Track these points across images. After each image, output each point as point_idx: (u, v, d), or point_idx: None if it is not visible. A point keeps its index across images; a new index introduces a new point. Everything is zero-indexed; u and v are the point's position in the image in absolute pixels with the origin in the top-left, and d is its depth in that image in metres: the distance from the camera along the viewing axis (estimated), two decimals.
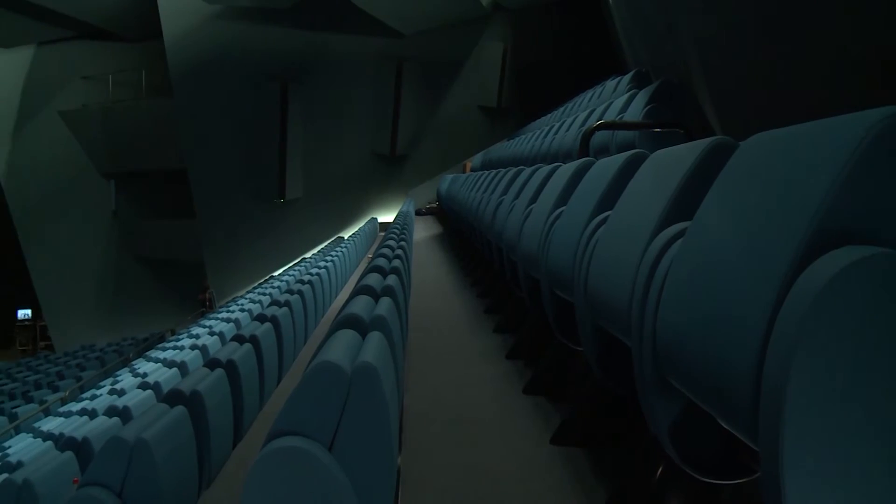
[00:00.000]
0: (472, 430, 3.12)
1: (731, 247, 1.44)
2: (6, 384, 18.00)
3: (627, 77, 8.23)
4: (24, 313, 27.17)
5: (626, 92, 7.04)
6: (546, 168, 4.01)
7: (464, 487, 2.58)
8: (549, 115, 13.03)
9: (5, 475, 6.78)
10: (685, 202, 1.91)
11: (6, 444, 9.82)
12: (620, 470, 2.46)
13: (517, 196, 4.46)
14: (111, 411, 6.52)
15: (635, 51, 9.19)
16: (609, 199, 2.55)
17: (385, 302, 3.02)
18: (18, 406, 14.58)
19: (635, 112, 5.92)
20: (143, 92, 22.88)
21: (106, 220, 24.57)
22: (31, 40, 22.80)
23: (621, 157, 2.63)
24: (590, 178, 2.93)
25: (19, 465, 7.11)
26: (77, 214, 24.22)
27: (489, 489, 2.54)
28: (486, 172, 7.69)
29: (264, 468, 2.16)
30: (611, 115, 6.58)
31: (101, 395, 10.00)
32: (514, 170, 5.38)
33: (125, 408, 6.41)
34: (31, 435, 9.67)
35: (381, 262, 4.27)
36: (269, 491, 2.18)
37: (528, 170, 4.62)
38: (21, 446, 8.86)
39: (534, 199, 3.81)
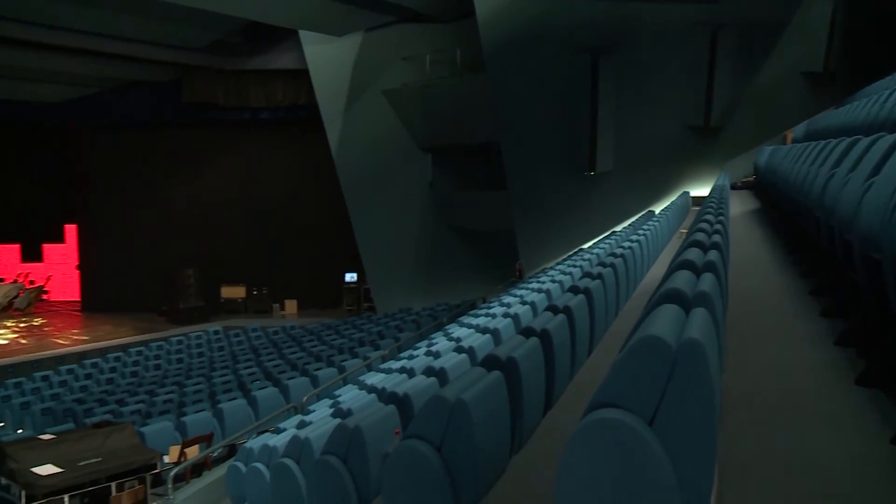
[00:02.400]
0: (797, 420, 2.93)
1: None
2: (335, 339, 19.68)
3: None
4: (350, 276, 29.43)
5: None
6: (890, 137, 3.63)
7: (787, 480, 2.43)
8: (887, 79, 11.81)
9: (338, 419, 7.45)
10: None
11: (337, 393, 10.77)
12: None
13: (853, 169, 4.08)
14: (428, 371, 6.87)
15: None
16: None
17: (707, 278, 2.92)
18: (346, 360, 15.93)
19: None
20: (457, 69, 23.82)
21: (424, 192, 25.96)
22: (359, 28, 24.53)
23: None
24: None
25: (349, 412, 7.75)
26: (398, 186, 25.79)
27: (817, 486, 2.37)
28: (813, 143, 7.15)
29: (584, 437, 2.17)
30: None
31: (417, 355, 10.54)
32: (847, 140, 4.94)
33: (441, 369, 6.73)
34: (356, 387, 10.50)
35: (701, 236, 4.12)
36: (587, 459, 2.19)
37: (867, 140, 4.22)
38: (349, 396, 9.65)
39: (875, 172, 3.46)
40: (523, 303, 9.63)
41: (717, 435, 2.21)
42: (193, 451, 11.14)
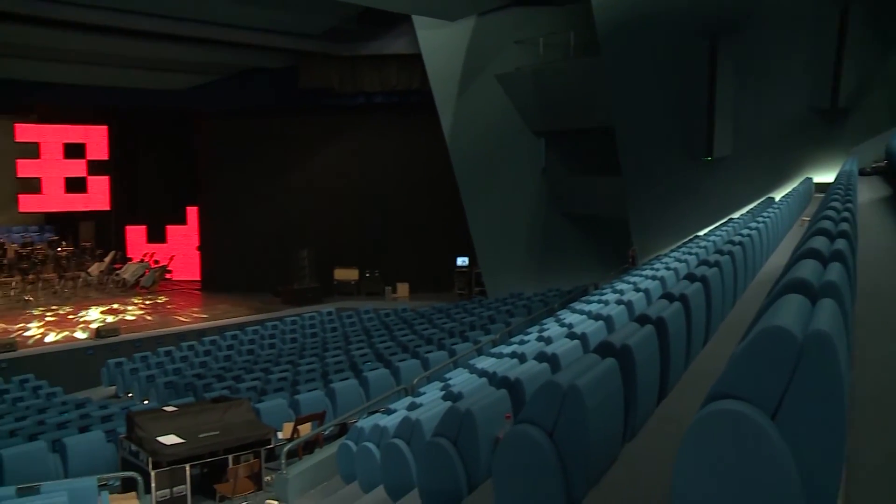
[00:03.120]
0: None
1: None
2: (446, 323, 19.79)
3: None
4: (462, 260, 29.48)
5: None
6: None
7: None
8: None
9: (449, 402, 7.50)
10: None
11: (447, 376, 10.84)
12: None
13: None
14: (540, 357, 6.82)
15: None
16: None
17: (835, 267, 2.79)
18: (456, 343, 16.00)
19: None
20: (571, 52, 23.50)
21: (536, 177, 25.77)
22: (472, 12, 24.46)
23: None
24: None
25: (460, 395, 7.78)
26: (510, 171, 25.66)
27: None
28: None
29: (703, 428, 2.12)
30: None
31: (528, 340, 10.47)
32: None
33: (553, 355, 6.67)
34: (467, 370, 10.53)
35: (827, 224, 3.95)
36: (705, 451, 2.13)
37: None
38: (460, 379, 9.68)
39: None
40: (637, 290, 9.47)
41: (846, 433, 2.11)
42: (306, 429, 11.45)
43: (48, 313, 25.54)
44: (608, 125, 20.13)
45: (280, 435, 11.35)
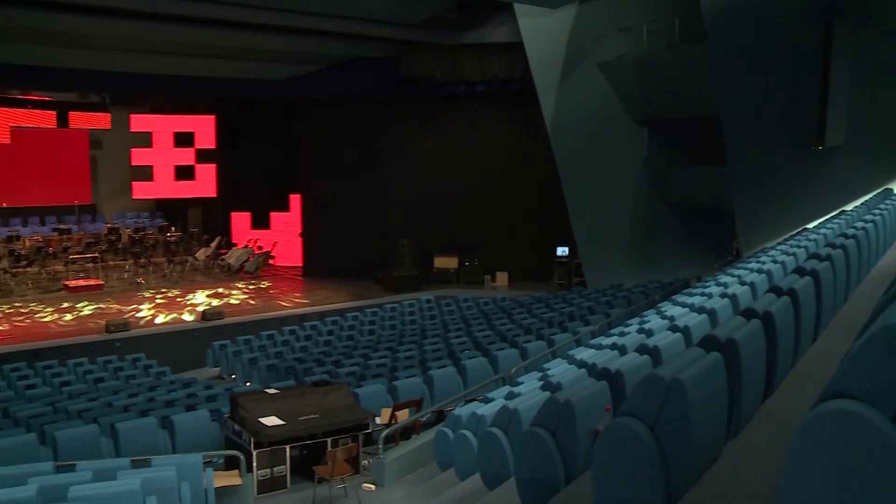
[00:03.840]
0: None
1: None
2: (545, 313, 19.66)
3: None
4: (562, 250, 29.21)
5: None
6: None
7: None
8: None
9: (548, 393, 7.47)
10: None
11: (546, 366, 10.79)
12: None
13: None
14: (641, 349, 6.70)
15: None
16: None
17: None
18: (555, 334, 15.89)
19: None
20: (676, 40, 22.93)
21: (638, 166, 25.29)
22: None
23: None
24: None
25: (558, 386, 7.73)
26: (612, 160, 25.21)
27: None
28: None
29: (816, 428, 2.03)
30: None
31: (629, 332, 10.32)
32: None
33: (655, 347, 6.55)
34: (565, 361, 10.46)
35: None
36: (817, 452, 2.04)
37: None
38: (558, 370, 9.62)
39: None
40: (742, 283, 9.21)
41: None
42: (403, 415, 11.57)
43: (158, 296, 26.51)
44: (714, 114, 19.58)
45: (378, 420, 11.51)
